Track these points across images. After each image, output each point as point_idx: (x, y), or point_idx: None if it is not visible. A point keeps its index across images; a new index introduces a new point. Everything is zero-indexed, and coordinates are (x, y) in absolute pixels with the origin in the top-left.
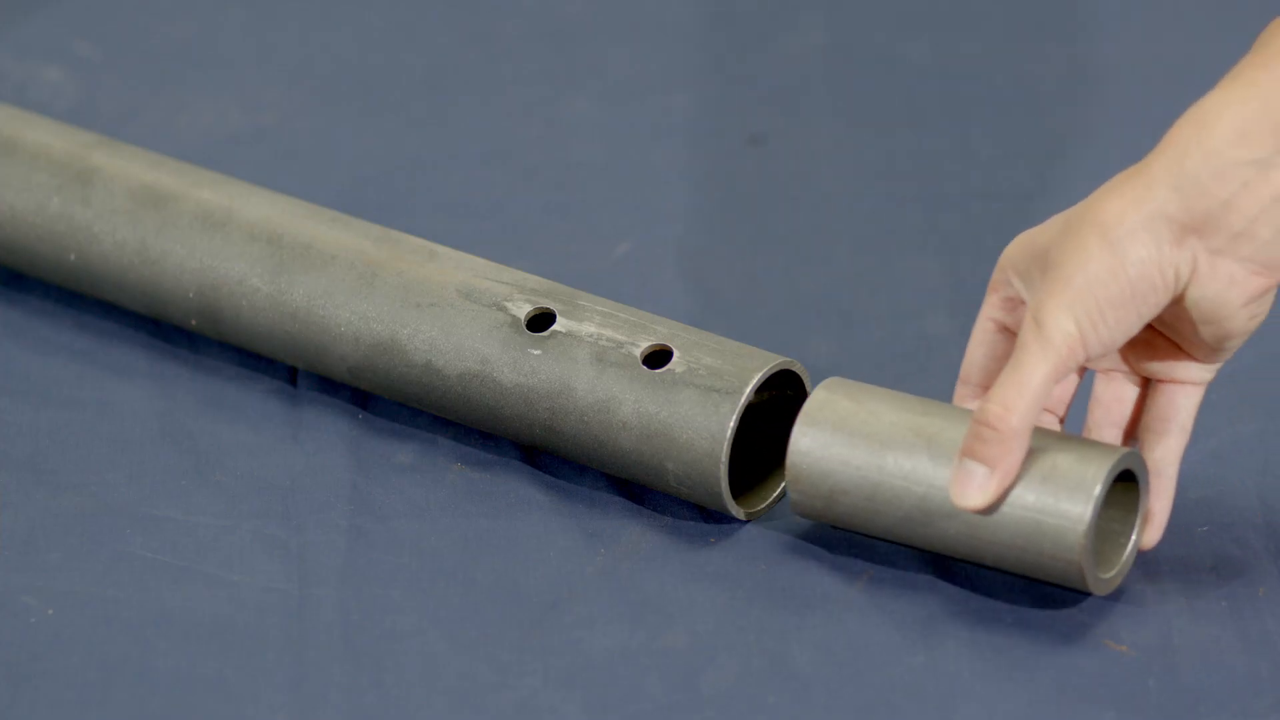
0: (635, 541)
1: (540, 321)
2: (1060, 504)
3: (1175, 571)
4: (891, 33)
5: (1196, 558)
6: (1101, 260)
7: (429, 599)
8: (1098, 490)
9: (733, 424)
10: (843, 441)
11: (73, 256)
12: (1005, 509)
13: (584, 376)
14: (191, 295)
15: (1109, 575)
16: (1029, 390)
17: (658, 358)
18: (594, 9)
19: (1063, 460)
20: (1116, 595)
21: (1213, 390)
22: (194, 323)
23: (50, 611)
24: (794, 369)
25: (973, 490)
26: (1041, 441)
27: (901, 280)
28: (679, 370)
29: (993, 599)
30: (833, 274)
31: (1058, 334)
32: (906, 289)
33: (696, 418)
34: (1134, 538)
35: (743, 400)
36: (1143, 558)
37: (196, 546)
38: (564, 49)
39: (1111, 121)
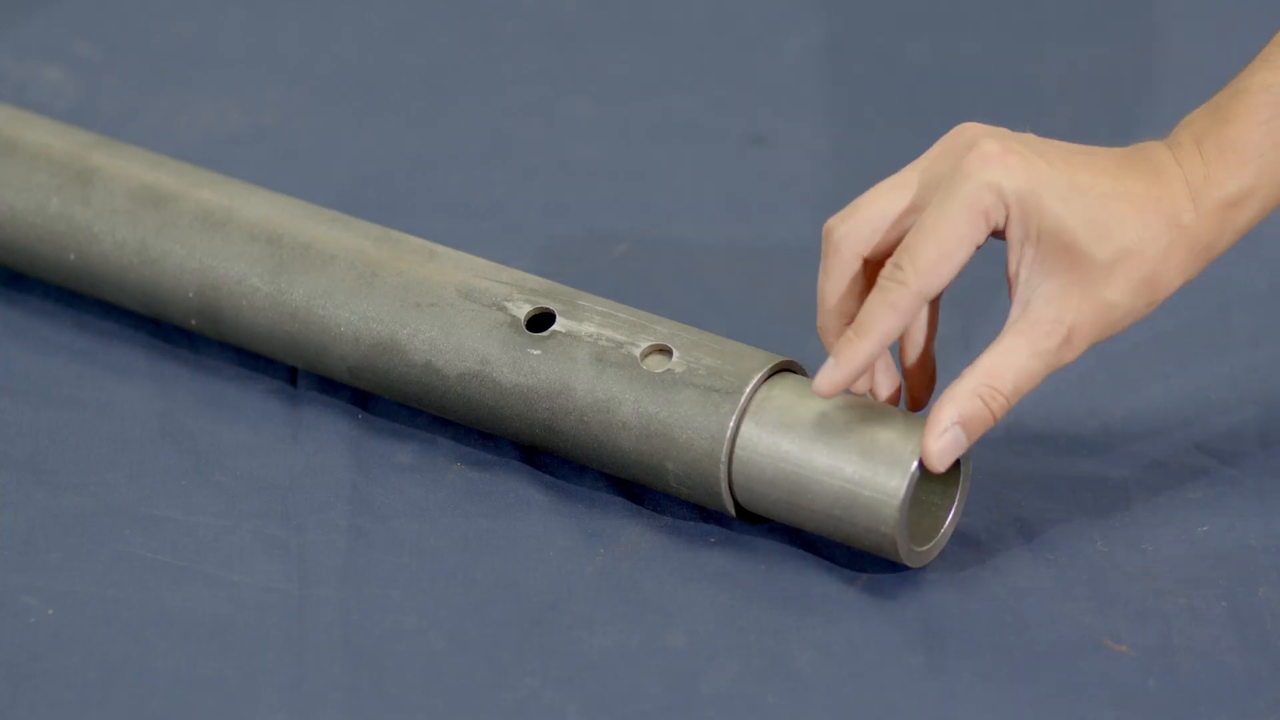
0: (635, 541)
1: (540, 321)
2: (877, 478)
3: (1175, 571)
4: (891, 33)
5: (1196, 558)
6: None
7: (429, 599)
8: (914, 466)
9: (732, 424)
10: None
11: (73, 256)
12: (825, 479)
13: (583, 376)
14: (191, 295)
15: (924, 549)
16: (943, 247)
17: (657, 358)
18: (594, 9)
19: (884, 435)
20: (1116, 595)
21: (1209, 388)
22: (194, 323)
23: (50, 611)
24: (794, 368)
25: (822, 377)
26: (869, 414)
27: None
28: (679, 370)
29: (992, 599)
30: None
31: None
32: None
33: (696, 418)
34: (952, 513)
35: (743, 400)
36: (1143, 557)
37: (196, 546)
38: (564, 49)
39: (1110, 121)
